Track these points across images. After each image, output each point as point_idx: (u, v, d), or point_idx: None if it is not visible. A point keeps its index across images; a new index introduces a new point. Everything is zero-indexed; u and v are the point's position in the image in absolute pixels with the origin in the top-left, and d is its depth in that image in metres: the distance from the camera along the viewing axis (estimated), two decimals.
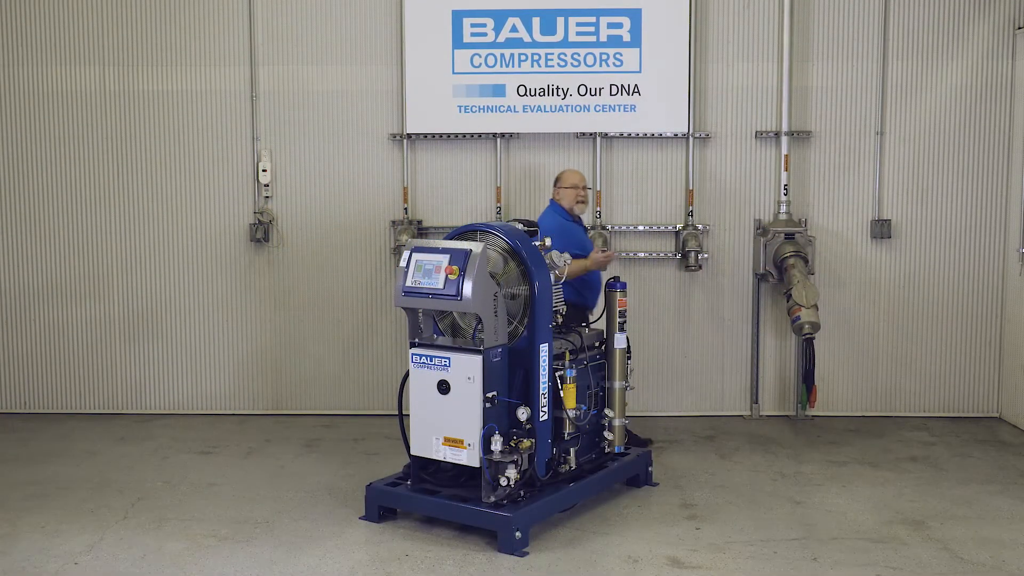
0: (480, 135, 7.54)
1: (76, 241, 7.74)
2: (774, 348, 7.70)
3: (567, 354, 5.50)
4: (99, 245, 7.74)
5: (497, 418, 5.14)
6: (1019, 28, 7.36)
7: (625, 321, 5.87)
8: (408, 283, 5.24)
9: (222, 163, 7.67)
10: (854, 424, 7.50)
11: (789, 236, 7.36)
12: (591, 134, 7.50)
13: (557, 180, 6.48)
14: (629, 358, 5.93)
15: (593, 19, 7.37)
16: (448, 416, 5.18)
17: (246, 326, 7.77)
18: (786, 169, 7.46)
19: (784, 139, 7.44)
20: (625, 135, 7.52)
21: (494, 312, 5.12)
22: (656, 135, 7.52)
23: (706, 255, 7.53)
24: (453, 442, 5.18)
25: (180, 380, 7.83)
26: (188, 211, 7.71)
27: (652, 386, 7.66)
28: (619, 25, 7.37)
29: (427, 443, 5.28)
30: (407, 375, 5.41)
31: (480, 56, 7.41)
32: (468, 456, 5.15)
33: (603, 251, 6.24)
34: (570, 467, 5.54)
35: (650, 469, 6.08)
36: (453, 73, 7.43)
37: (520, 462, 5.09)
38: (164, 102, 7.63)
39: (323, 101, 7.60)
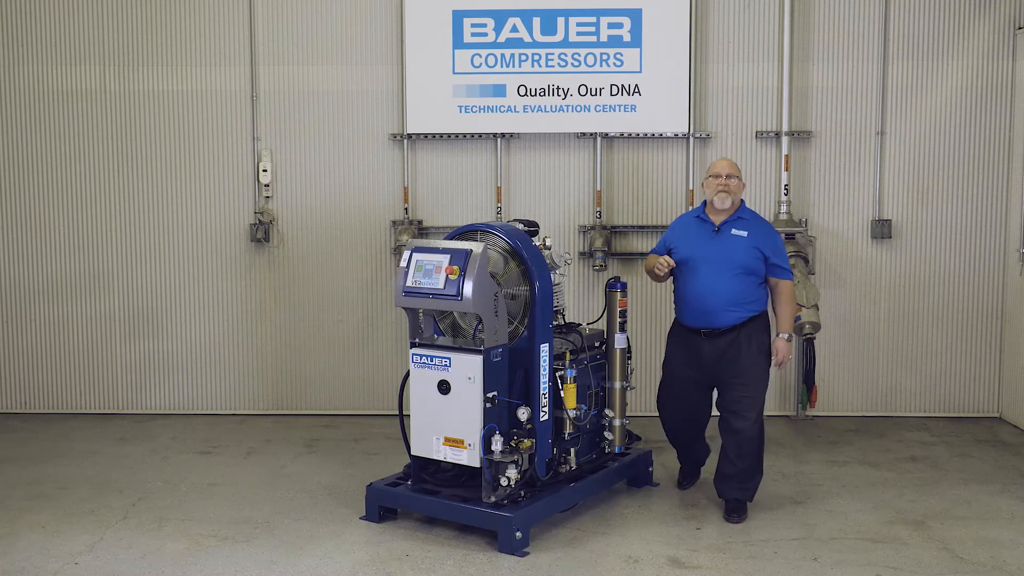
0: (480, 135, 7.54)
1: (76, 241, 7.74)
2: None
3: (567, 354, 5.50)
4: (99, 245, 7.74)
5: (497, 418, 5.14)
6: (1019, 28, 7.36)
7: (625, 321, 5.87)
8: (408, 283, 5.24)
9: (222, 163, 7.67)
10: (854, 424, 7.50)
11: (789, 236, 7.36)
12: (591, 134, 7.50)
13: None
14: (629, 358, 5.93)
15: (593, 19, 7.37)
16: (448, 416, 5.18)
17: (246, 326, 7.77)
18: (786, 169, 7.46)
19: (784, 139, 7.45)
20: (625, 135, 7.52)
21: (494, 312, 5.12)
22: (656, 135, 7.52)
23: None
24: (453, 442, 5.18)
25: (180, 380, 7.83)
26: (188, 211, 7.71)
27: (653, 387, 7.61)
28: (619, 25, 7.38)
29: (427, 443, 5.28)
30: (407, 375, 5.41)
31: (480, 56, 7.41)
32: (468, 456, 5.15)
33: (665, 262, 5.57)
34: (570, 467, 5.54)
35: (650, 469, 6.09)
36: (453, 73, 7.43)
37: (520, 462, 5.09)
38: (164, 102, 7.63)
39: (323, 101, 7.60)
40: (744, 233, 5.54)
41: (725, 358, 5.54)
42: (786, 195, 7.45)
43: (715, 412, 5.80)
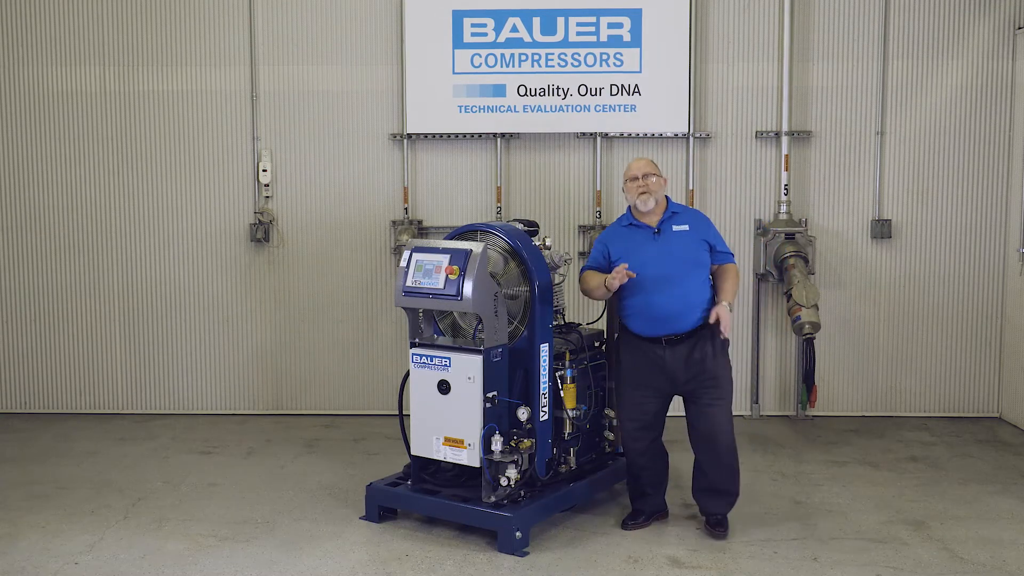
0: (480, 135, 7.54)
1: (76, 241, 7.74)
2: (774, 348, 7.70)
3: (567, 354, 5.50)
4: (99, 245, 7.74)
5: (497, 418, 5.14)
6: (1019, 28, 7.36)
7: None
8: (408, 283, 5.24)
9: (222, 163, 7.67)
10: (854, 424, 7.50)
11: (789, 236, 7.36)
12: (591, 134, 7.51)
13: None
14: None
15: (593, 19, 7.37)
16: (448, 416, 5.18)
17: (246, 326, 7.77)
18: (786, 169, 7.46)
19: (784, 139, 7.45)
20: (625, 135, 7.52)
21: (494, 312, 5.12)
22: (656, 135, 7.52)
23: None
24: (453, 442, 5.18)
25: (180, 380, 7.83)
26: (188, 211, 7.71)
27: None
28: (619, 25, 7.38)
29: (427, 443, 5.28)
30: (407, 375, 5.41)
31: (480, 56, 7.41)
32: (468, 456, 5.14)
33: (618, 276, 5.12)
34: (570, 467, 5.54)
35: None
36: (453, 73, 7.43)
37: (520, 462, 5.09)
38: (164, 102, 7.63)
39: (323, 101, 7.60)
40: (686, 227, 5.30)
41: (689, 364, 5.21)
42: (786, 195, 7.45)
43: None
